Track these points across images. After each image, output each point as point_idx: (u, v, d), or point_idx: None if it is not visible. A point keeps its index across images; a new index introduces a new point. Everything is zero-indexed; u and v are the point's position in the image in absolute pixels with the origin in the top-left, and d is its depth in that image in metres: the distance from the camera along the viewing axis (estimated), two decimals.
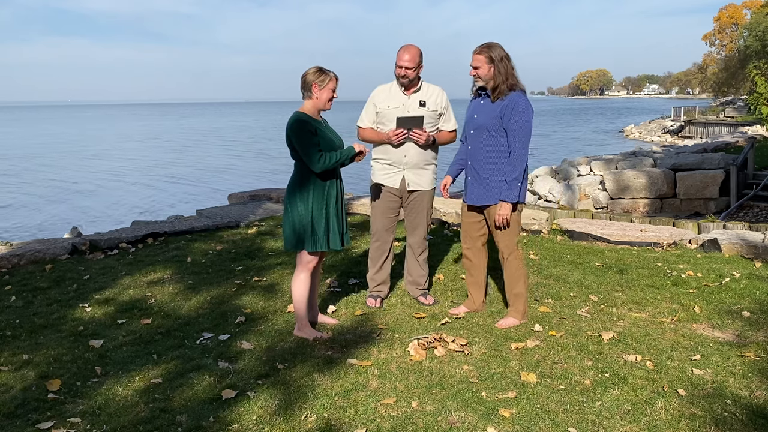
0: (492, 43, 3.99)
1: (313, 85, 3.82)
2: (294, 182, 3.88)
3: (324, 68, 3.87)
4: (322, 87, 3.82)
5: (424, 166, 4.46)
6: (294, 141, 3.79)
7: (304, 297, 3.94)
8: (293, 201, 3.86)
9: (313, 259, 3.93)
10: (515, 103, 3.93)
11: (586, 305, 4.56)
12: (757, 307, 4.46)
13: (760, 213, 14.50)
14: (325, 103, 3.87)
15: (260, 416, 2.99)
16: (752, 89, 22.87)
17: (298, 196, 3.84)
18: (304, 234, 3.83)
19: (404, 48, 4.30)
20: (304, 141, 3.75)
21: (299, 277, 3.94)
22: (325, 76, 3.83)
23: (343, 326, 4.16)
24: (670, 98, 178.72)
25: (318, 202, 3.83)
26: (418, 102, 4.38)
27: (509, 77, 3.94)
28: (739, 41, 62.82)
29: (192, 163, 34.51)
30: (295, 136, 3.77)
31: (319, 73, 3.83)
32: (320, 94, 3.83)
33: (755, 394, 3.19)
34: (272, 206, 8.74)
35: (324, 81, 3.82)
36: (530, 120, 3.96)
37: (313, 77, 3.82)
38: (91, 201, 22.40)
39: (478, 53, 3.95)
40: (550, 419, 2.96)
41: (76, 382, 3.38)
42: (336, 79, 3.87)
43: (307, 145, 3.75)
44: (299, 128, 3.77)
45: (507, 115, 3.93)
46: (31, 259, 5.87)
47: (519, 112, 3.92)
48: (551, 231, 7.08)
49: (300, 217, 3.82)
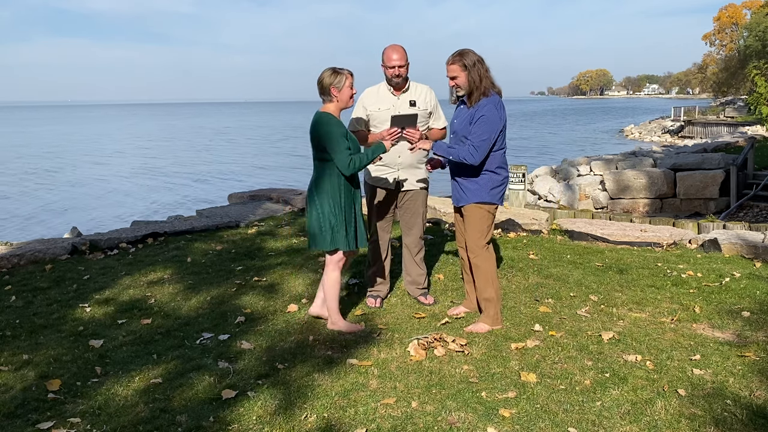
0: (464, 50, 3.97)
1: (331, 89, 3.86)
2: (320, 182, 3.92)
3: (337, 68, 3.90)
4: (340, 88, 3.86)
5: (417, 166, 4.47)
6: (326, 143, 3.81)
7: (337, 293, 4.06)
8: (321, 201, 3.90)
9: (342, 257, 4.02)
10: (482, 113, 3.88)
11: (586, 305, 4.56)
12: (757, 307, 4.46)
13: (760, 213, 14.49)
14: (347, 101, 3.92)
15: (260, 416, 2.99)
16: (752, 89, 22.87)
17: (326, 196, 3.88)
18: (326, 233, 3.90)
19: (391, 48, 4.28)
20: (333, 142, 3.80)
21: (331, 276, 4.02)
22: (341, 76, 3.87)
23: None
24: (670, 98, 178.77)
25: (338, 203, 3.89)
26: (408, 102, 4.38)
27: (483, 79, 3.91)
28: (739, 41, 62.86)
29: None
30: (325, 138, 3.81)
31: (334, 75, 3.86)
32: (340, 95, 3.88)
33: (755, 394, 3.19)
34: (272, 206, 8.74)
35: (341, 82, 3.86)
36: (493, 127, 3.87)
37: (330, 80, 3.86)
38: (97, 201, 22.41)
39: (451, 63, 3.93)
40: (550, 419, 2.96)
41: (76, 382, 3.39)
42: (351, 75, 3.92)
43: (337, 146, 3.79)
44: (329, 130, 3.81)
45: (473, 122, 3.90)
46: (31, 259, 5.87)
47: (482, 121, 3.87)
48: (551, 231, 7.08)
49: (322, 217, 3.89)
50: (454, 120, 4.16)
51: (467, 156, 3.88)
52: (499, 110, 3.91)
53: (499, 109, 3.91)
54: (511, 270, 5.47)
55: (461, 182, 4.08)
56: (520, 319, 4.29)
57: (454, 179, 4.17)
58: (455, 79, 3.94)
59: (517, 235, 6.94)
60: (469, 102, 3.97)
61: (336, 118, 3.89)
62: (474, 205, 4.03)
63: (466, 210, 4.08)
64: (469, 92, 3.95)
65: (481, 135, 3.86)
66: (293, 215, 8.06)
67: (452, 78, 3.95)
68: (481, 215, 4.04)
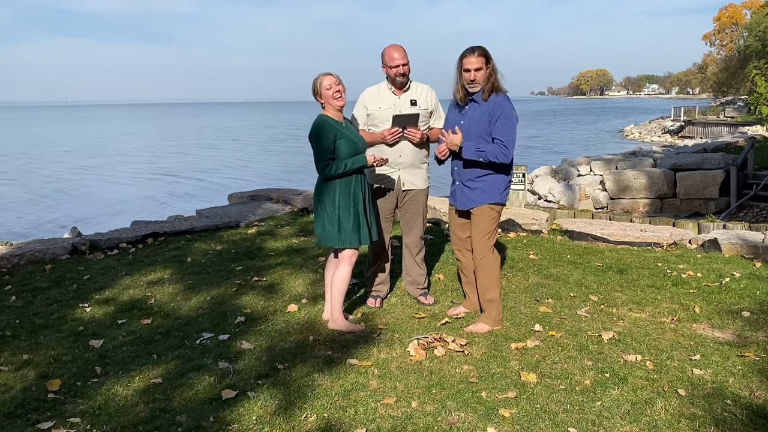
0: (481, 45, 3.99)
1: (316, 97, 4.00)
2: (321, 182, 4.02)
3: (320, 73, 4.00)
4: (320, 93, 3.96)
5: (418, 165, 4.47)
6: (311, 144, 3.94)
7: (344, 290, 4.08)
8: (321, 200, 4.00)
9: (354, 253, 4.06)
10: (501, 110, 3.89)
11: (586, 305, 4.56)
12: (757, 307, 4.46)
13: (760, 213, 14.49)
14: (333, 101, 3.96)
15: (260, 416, 2.99)
16: (752, 89, 22.87)
17: (326, 195, 3.98)
18: (333, 231, 3.96)
19: (392, 48, 4.27)
20: (317, 146, 3.91)
21: (341, 273, 4.05)
22: (316, 81, 3.97)
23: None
24: (670, 98, 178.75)
25: (345, 201, 3.96)
26: (409, 101, 4.38)
27: (496, 74, 3.96)
28: (739, 41, 62.86)
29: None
30: (312, 141, 3.94)
31: (313, 83, 3.98)
32: (323, 98, 3.97)
33: (755, 394, 3.19)
34: (272, 206, 8.74)
35: (319, 86, 3.95)
36: (514, 123, 3.92)
37: (312, 90, 4.00)
38: (97, 201, 22.41)
39: (479, 55, 3.90)
40: (550, 419, 2.96)
41: (76, 382, 3.39)
42: (328, 74, 3.95)
43: (319, 151, 3.90)
44: (316, 133, 3.92)
45: (494, 120, 3.90)
46: (31, 259, 5.87)
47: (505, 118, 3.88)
48: (551, 231, 7.08)
49: (329, 216, 3.96)
50: (461, 121, 4.05)
51: (499, 155, 3.88)
52: (513, 108, 3.95)
53: (513, 107, 3.96)
54: (511, 270, 5.47)
55: (472, 184, 4.04)
56: (520, 319, 4.29)
57: (460, 182, 4.11)
58: (479, 71, 3.90)
59: (517, 235, 6.94)
60: (485, 96, 3.94)
61: (329, 121, 3.95)
62: (486, 206, 4.03)
63: (478, 212, 4.05)
64: (483, 87, 3.94)
65: (509, 133, 3.90)
66: (293, 215, 8.06)
67: (477, 70, 3.88)
68: (491, 216, 4.05)
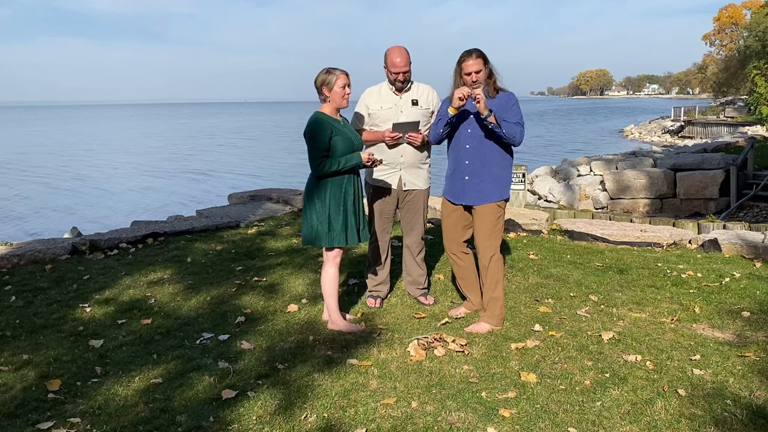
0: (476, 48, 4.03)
1: (323, 89, 3.91)
2: (311, 180, 3.97)
3: (331, 68, 3.92)
4: (330, 88, 3.89)
5: (419, 166, 4.47)
6: (306, 141, 3.89)
7: (335, 291, 4.06)
8: (311, 198, 3.96)
9: (338, 253, 4.03)
10: (513, 101, 3.99)
11: (586, 305, 4.56)
12: (757, 307, 4.46)
13: (760, 213, 14.50)
14: (340, 101, 3.93)
15: (260, 416, 3.00)
16: (752, 89, 22.87)
17: (316, 194, 3.94)
18: (322, 230, 3.92)
19: (395, 52, 4.25)
20: (311, 143, 3.86)
21: (327, 273, 4.03)
22: (332, 76, 3.88)
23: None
24: (670, 98, 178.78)
25: (335, 199, 3.91)
26: (411, 101, 4.38)
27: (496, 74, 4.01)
28: (739, 41, 62.85)
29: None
30: (306, 137, 3.88)
31: (326, 75, 3.90)
32: (332, 95, 3.90)
33: (755, 394, 3.19)
34: (272, 206, 8.74)
35: (331, 82, 3.88)
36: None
37: (321, 81, 3.90)
38: (98, 201, 22.41)
39: (477, 57, 3.92)
40: (550, 419, 2.96)
41: (76, 382, 3.39)
42: (345, 74, 3.91)
43: (314, 148, 3.85)
44: (311, 130, 3.87)
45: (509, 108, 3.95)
46: (31, 259, 5.87)
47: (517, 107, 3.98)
48: (551, 231, 7.08)
49: (317, 214, 3.92)
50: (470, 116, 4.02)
51: (518, 133, 3.91)
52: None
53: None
54: (511, 270, 5.47)
55: (481, 181, 4.03)
56: (520, 319, 4.29)
57: (467, 177, 4.05)
58: (479, 72, 3.92)
59: (517, 235, 6.94)
60: (491, 93, 3.97)
61: (326, 118, 3.89)
62: (495, 203, 4.03)
63: (486, 209, 4.04)
64: (485, 85, 3.97)
65: (521, 120, 3.95)
66: (293, 215, 8.06)
67: (477, 72, 3.91)
68: (499, 213, 4.07)
